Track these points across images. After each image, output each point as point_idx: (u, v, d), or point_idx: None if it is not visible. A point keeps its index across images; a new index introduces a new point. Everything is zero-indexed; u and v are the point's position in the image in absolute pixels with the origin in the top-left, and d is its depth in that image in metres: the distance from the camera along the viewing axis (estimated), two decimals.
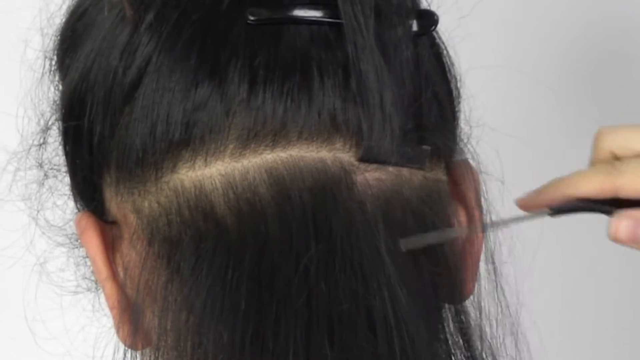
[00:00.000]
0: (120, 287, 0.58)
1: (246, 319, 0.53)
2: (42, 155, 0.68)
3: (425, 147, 0.57)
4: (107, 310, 0.60)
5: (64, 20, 0.64)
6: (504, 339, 0.61)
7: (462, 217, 0.62)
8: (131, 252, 0.57)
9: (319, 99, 0.54)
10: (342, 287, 0.53)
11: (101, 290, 0.60)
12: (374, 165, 0.56)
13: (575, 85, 1.05)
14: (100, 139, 0.58)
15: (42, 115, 0.67)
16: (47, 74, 0.66)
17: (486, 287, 0.63)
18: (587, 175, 0.60)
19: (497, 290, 0.63)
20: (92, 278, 0.67)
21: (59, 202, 0.69)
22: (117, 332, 0.59)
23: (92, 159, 0.59)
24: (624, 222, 0.59)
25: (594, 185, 0.59)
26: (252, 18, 0.55)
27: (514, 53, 1.06)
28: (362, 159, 0.55)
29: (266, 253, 0.53)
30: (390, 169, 0.56)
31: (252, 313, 0.53)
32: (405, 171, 0.57)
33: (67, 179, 0.65)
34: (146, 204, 0.56)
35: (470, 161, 0.65)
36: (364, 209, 0.55)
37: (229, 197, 0.54)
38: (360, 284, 0.54)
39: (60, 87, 0.64)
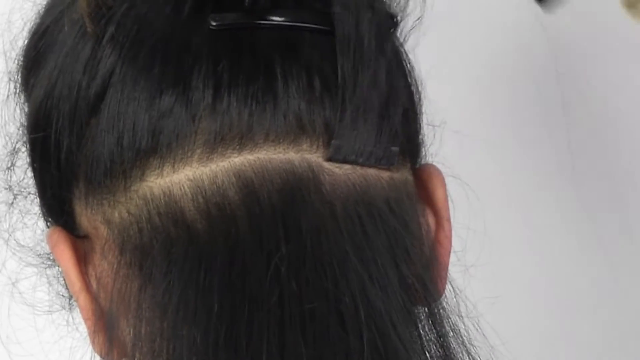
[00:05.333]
0: (94, 298, 0.59)
1: (219, 320, 0.53)
2: (11, 178, 0.68)
3: (394, 148, 0.57)
4: (81, 325, 0.60)
5: (26, 40, 0.64)
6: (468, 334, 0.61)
7: (430, 217, 0.62)
8: (103, 263, 0.58)
9: (284, 101, 0.55)
10: (313, 286, 0.54)
11: (75, 306, 0.60)
12: (343, 166, 0.56)
13: (537, 84, 1.06)
14: (68, 153, 0.58)
15: (9, 137, 0.68)
16: (13, 95, 0.66)
17: (457, 286, 0.63)
18: None
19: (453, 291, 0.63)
20: (66, 295, 0.67)
21: (29, 223, 0.69)
22: (93, 343, 0.59)
23: (60, 175, 0.59)
24: None
25: None
26: (214, 24, 0.56)
27: (472, 52, 1.07)
28: (331, 158, 0.56)
29: (237, 255, 0.54)
30: (359, 169, 0.57)
31: (225, 314, 0.53)
32: (372, 171, 0.57)
33: (37, 200, 0.65)
34: (116, 214, 0.57)
35: (435, 163, 0.65)
36: (332, 208, 0.55)
37: (199, 202, 0.55)
38: (330, 283, 0.54)
39: (26, 108, 0.64)
